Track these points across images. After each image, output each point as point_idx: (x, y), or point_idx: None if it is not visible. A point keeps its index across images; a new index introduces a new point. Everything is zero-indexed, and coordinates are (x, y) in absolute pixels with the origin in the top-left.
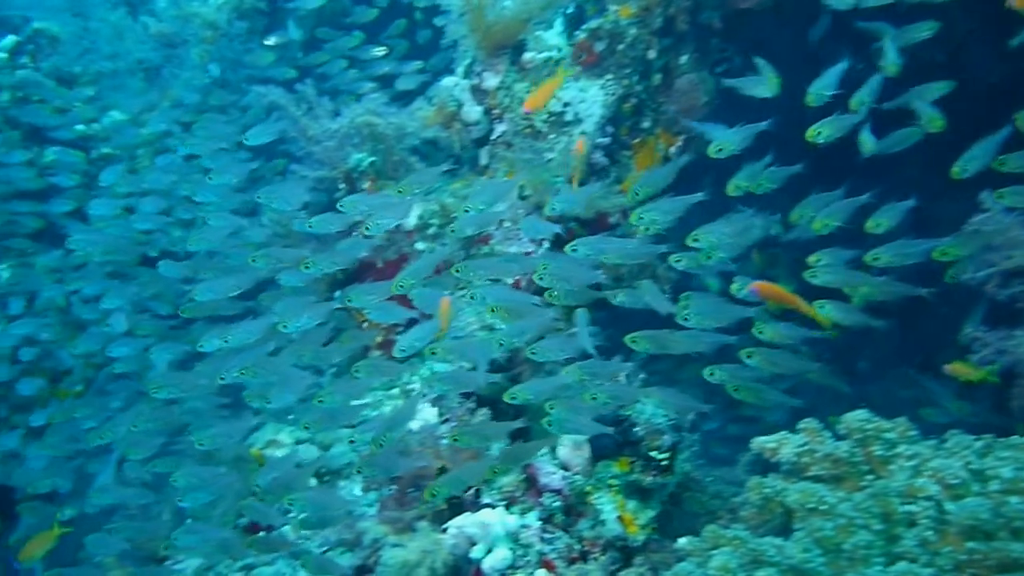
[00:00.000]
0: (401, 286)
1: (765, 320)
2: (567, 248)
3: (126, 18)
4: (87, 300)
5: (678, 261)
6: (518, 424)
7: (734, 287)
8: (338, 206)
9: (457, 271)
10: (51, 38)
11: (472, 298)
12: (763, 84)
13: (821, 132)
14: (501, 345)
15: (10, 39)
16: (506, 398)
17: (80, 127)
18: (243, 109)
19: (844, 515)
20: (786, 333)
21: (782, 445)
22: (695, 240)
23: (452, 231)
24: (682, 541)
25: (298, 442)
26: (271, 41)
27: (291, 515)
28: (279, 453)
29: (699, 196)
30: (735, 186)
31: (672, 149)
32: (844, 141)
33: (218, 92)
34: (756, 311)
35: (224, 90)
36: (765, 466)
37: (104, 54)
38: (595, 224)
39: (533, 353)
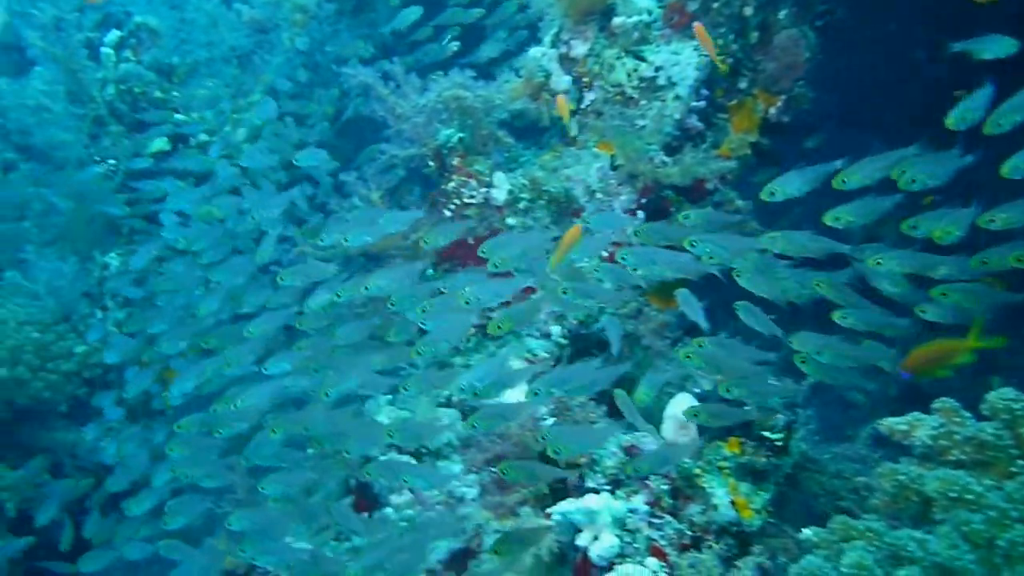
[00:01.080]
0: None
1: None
2: (617, 256)
3: (220, 6)
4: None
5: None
6: (567, 474)
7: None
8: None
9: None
10: (151, 31)
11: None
12: (997, 45)
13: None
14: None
15: (114, 34)
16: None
17: (179, 116)
18: (341, 93)
19: (995, 507)
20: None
21: (915, 427)
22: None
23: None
24: (807, 532)
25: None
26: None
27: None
28: None
29: (752, 242)
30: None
31: (772, 110)
32: None
33: (309, 74)
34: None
35: (314, 72)
36: (885, 442)
37: (200, 43)
38: (692, 191)
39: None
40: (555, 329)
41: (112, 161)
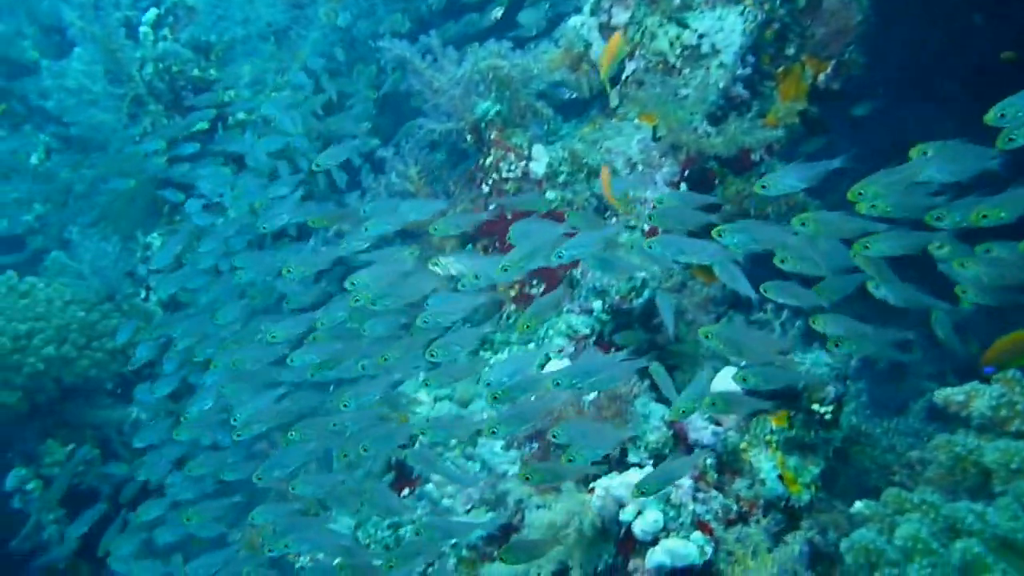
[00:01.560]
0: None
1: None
2: (644, 243)
3: None
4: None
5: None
6: (592, 470)
7: None
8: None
9: None
10: (188, 8)
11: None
12: None
13: None
14: None
15: (152, 13)
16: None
17: (216, 95)
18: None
19: None
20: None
21: (973, 398)
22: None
23: None
24: (859, 505)
25: (437, 399)
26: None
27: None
28: (420, 411)
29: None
30: None
31: (821, 76)
32: None
33: (346, 49)
34: None
35: (351, 48)
36: (940, 415)
37: (236, 20)
38: (737, 162)
39: None
40: (597, 304)
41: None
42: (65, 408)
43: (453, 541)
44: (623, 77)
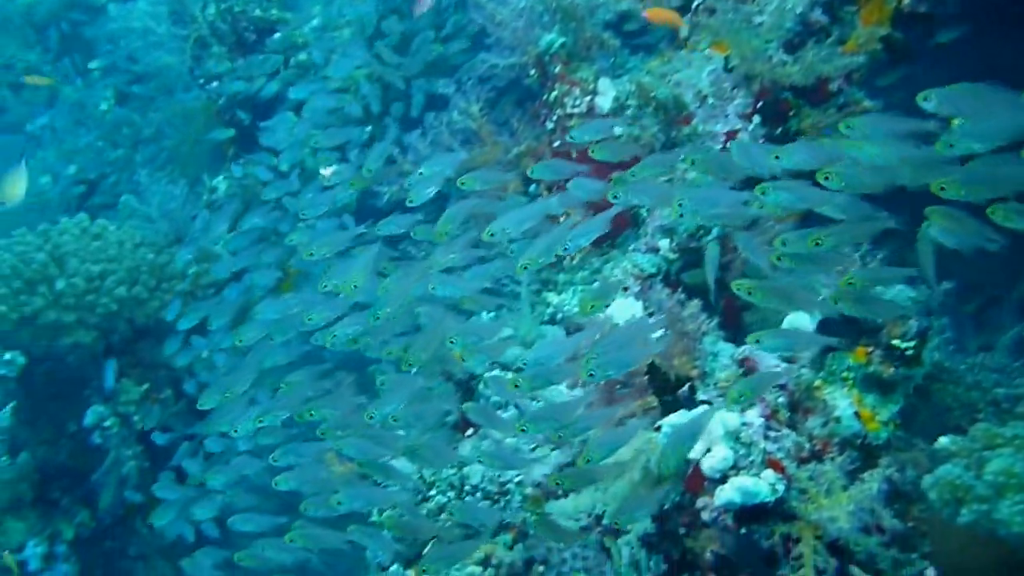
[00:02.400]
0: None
1: None
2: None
3: None
4: None
5: None
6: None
7: None
8: None
9: None
10: None
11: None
12: None
13: None
14: None
15: None
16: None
17: (278, 35)
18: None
19: None
20: None
21: None
22: None
23: None
24: (944, 441)
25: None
26: None
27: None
28: None
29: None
30: None
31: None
32: None
33: None
34: None
35: None
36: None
37: None
38: (814, 92)
39: None
40: (664, 243)
41: (215, 83)
42: (138, 348)
43: (518, 478)
44: (693, 5)
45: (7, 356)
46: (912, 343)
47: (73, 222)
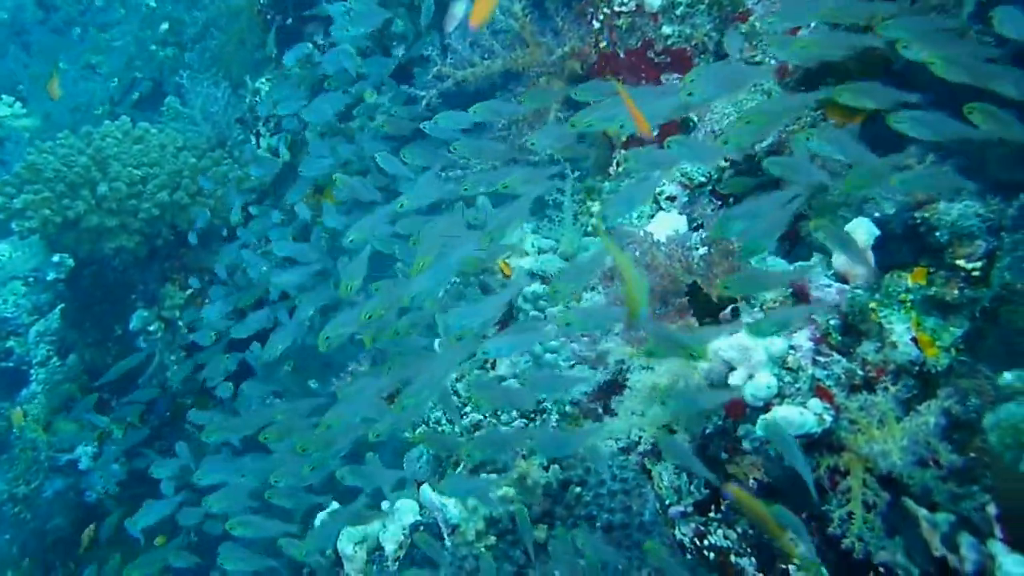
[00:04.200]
0: None
1: None
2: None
3: None
4: None
5: None
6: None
7: None
8: None
9: None
10: None
11: None
12: None
13: None
14: None
15: None
16: None
17: None
18: None
19: None
20: None
21: None
22: None
23: None
24: (1008, 377)
25: (540, 251)
26: None
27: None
28: (523, 263)
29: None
30: None
31: None
32: None
33: None
34: None
35: None
36: None
37: None
38: None
39: None
40: None
41: None
42: (182, 253)
43: (556, 396)
44: None
45: (55, 258)
46: (978, 264)
47: (115, 125)
